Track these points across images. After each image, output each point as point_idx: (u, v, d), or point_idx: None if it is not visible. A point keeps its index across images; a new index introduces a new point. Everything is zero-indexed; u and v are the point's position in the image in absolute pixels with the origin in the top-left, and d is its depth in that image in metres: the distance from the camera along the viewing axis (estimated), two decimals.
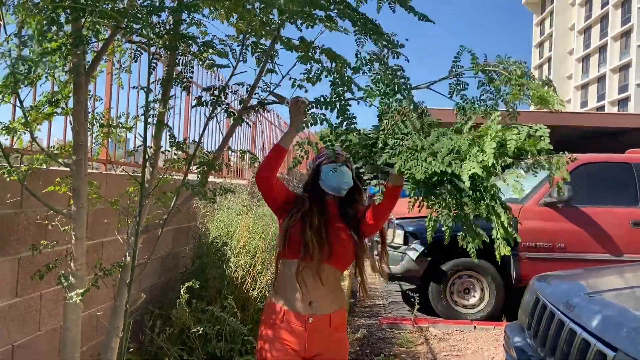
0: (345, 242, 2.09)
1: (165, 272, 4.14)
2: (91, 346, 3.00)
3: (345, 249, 2.09)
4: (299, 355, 2.03)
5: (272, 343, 2.04)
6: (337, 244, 2.06)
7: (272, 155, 2.14)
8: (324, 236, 2.03)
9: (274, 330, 2.05)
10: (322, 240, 2.02)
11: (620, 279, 3.23)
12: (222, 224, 4.59)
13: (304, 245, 2.01)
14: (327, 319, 2.05)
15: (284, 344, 2.02)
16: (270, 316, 2.08)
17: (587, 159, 6.00)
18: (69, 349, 2.10)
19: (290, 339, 2.02)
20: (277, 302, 2.07)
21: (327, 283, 2.05)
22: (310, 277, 2.02)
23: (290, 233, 2.05)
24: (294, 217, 2.07)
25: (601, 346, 2.02)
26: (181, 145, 2.25)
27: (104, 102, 3.13)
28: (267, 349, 2.04)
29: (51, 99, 2.08)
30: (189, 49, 2.18)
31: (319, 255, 1.99)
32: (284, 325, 2.03)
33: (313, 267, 2.00)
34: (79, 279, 2.08)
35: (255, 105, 2.23)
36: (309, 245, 2.00)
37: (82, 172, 2.02)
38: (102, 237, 3.09)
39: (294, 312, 2.03)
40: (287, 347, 2.02)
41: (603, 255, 5.49)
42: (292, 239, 2.05)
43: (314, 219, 2.05)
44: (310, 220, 2.05)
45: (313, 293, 2.03)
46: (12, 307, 2.37)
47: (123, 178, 3.29)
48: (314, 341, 2.02)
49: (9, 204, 2.29)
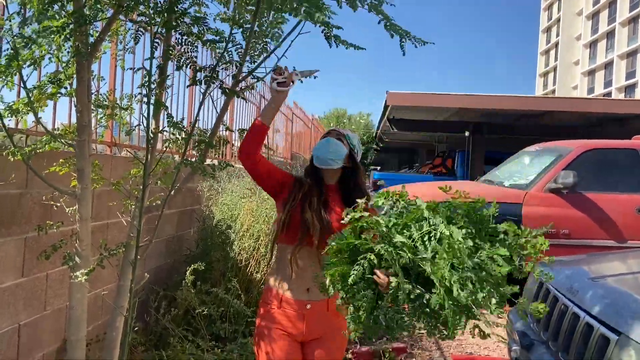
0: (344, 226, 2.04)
1: (170, 254, 4.16)
2: (97, 326, 3.03)
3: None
4: (296, 339, 2.03)
5: (269, 328, 2.03)
6: (336, 227, 2.00)
7: (250, 130, 2.07)
8: (323, 216, 1.99)
9: (271, 314, 2.04)
10: (321, 220, 1.98)
11: (623, 264, 3.23)
12: (226, 207, 4.60)
13: (302, 228, 1.98)
14: (324, 304, 2.03)
15: (280, 329, 2.01)
16: (268, 300, 2.06)
17: (593, 145, 5.97)
18: (75, 327, 2.12)
19: (287, 324, 2.01)
20: (275, 287, 2.06)
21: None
22: (308, 262, 2.00)
23: (291, 216, 2.01)
24: (295, 200, 2.04)
25: (604, 330, 2.03)
26: (178, 125, 2.24)
27: (108, 83, 3.12)
28: (263, 334, 2.03)
29: (53, 78, 2.07)
30: (190, 29, 2.16)
31: (318, 235, 1.95)
32: (281, 311, 2.02)
33: (312, 252, 1.97)
34: (84, 259, 2.10)
35: (245, 76, 2.19)
36: (309, 226, 1.96)
37: (86, 152, 2.02)
38: (106, 219, 3.10)
39: (292, 298, 2.01)
40: (284, 332, 2.01)
41: (607, 242, 5.48)
42: (292, 223, 2.01)
43: (313, 199, 2.02)
44: (309, 200, 2.02)
45: (311, 279, 1.98)
46: (18, 287, 2.39)
47: (127, 160, 3.30)
48: (311, 326, 2.02)
49: (14, 185, 2.30)
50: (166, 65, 2.16)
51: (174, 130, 2.01)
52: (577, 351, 2.16)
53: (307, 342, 2.05)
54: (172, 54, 2.14)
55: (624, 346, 1.89)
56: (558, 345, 2.35)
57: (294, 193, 2.07)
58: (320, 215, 2.00)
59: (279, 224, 2.05)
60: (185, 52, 2.08)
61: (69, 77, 2.15)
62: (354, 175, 2.15)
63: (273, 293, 2.05)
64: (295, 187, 2.09)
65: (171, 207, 2.18)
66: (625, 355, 1.87)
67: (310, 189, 2.07)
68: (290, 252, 2.01)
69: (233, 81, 2.23)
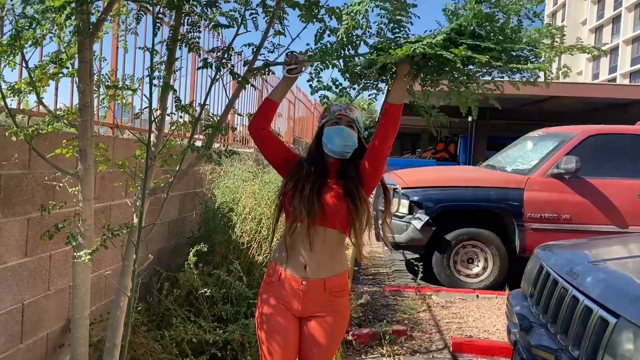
0: (339, 205, 2.03)
1: (173, 236, 4.19)
2: (100, 306, 3.06)
3: (339, 211, 2.03)
4: (294, 315, 2.08)
5: (268, 300, 2.10)
6: (329, 206, 2.01)
7: (261, 106, 2.15)
8: (314, 200, 2.00)
9: (271, 287, 2.11)
10: (312, 204, 1.99)
11: (623, 248, 3.23)
12: (228, 190, 4.62)
13: (293, 210, 2.02)
14: (321, 283, 2.05)
15: (278, 301, 2.08)
16: (270, 275, 2.14)
17: (597, 130, 5.94)
18: (79, 306, 2.15)
19: (286, 298, 2.07)
20: (276, 263, 2.12)
21: (324, 247, 2.04)
22: (304, 241, 2.03)
23: (284, 201, 2.08)
24: (288, 184, 2.09)
25: (603, 312, 2.04)
26: (187, 108, 2.24)
27: (109, 64, 3.11)
28: (263, 304, 2.11)
29: (55, 58, 2.07)
30: (194, 9, 2.14)
31: (307, 218, 1.99)
32: (280, 285, 2.08)
33: (305, 232, 2.01)
34: (88, 239, 2.11)
35: (260, 67, 2.19)
36: (297, 211, 2.00)
37: (89, 132, 2.02)
38: (109, 201, 3.12)
39: (290, 274, 2.06)
40: (282, 305, 2.07)
41: (609, 227, 5.48)
42: (285, 206, 2.08)
43: (307, 184, 2.03)
44: (302, 185, 2.04)
45: (307, 257, 2.04)
46: (21, 267, 2.41)
47: (130, 142, 3.30)
48: (306, 303, 2.05)
49: (16, 165, 2.31)
50: (175, 48, 2.16)
51: (181, 114, 2.00)
52: (576, 333, 2.17)
53: (304, 318, 2.09)
54: (181, 37, 2.13)
55: (622, 328, 1.90)
56: (557, 328, 2.37)
57: (289, 177, 2.10)
58: (312, 199, 2.01)
59: (275, 207, 2.14)
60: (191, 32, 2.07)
61: (71, 57, 2.15)
62: (359, 156, 2.13)
63: (275, 268, 2.12)
64: (295, 169, 2.12)
65: (174, 189, 2.19)
66: (624, 338, 1.88)
67: (307, 175, 2.07)
68: (286, 230, 2.08)
69: (246, 69, 2.23)
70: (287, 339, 2.06)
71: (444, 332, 4.37)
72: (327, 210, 2.01)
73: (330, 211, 2.02)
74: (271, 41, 2.15)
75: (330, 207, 2.02)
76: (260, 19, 2.11)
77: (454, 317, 4.77)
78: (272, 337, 2.07)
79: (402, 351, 3.93)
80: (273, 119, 2.18)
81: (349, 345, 3.92)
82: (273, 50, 2.16)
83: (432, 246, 5.79)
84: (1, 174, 2.23)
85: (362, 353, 3.87)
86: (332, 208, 2.02)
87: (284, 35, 2.16)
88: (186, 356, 2.94)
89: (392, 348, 3.92)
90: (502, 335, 4.30)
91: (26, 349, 2.49)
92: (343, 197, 2.04)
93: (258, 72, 2.21)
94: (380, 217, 6.29)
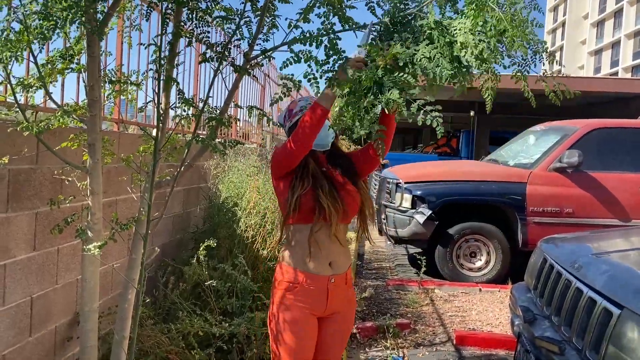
0: (353, 196, 2.06)
1: (178, 231, 4.21)
2: (107, 299, 3.09)
3: (355, 203, 2.07)
4: (316, 316, 2.04)
5: (291, 307, 1.99)
6: (348, 201, 2.04)
7: (311, 118, 1.80)
8: (337, 199, 1.99)
9: (292, 294, 2.00)
10: (337, 203, 1.98)
11: (626, 241, 3.25)
12: (232, 184, 4.64)
13: (318, 209, 1.96)
14: (344, 276, 2.08)
15: (303, 308, 1.99)
16: (289, 280, 2.02)
17: (599, 124, 5.95)
18: (88, 298, 2.17)
19: (310, 301, 2.00)
20: (294, 267, 2.02)
21: (343, 240, 2.08)
22: (327, 238, 2.00)
23: (301, 201, 1.96)
24: (305, 183, 1.98)
25: (607, 304, 2.06)
26: (190, 102, 2.25)
27: (115, 60, 3.13)
28: (286, 311, 2.00)
29: (65, 53, 2.08)
30: (198, 4, 2.15)
31: (336, 218, 1.97)
32: (305, 288, 1.99)
33: (329, 229, 1.98)
34: (96, 233, 2.13)
35: (258, 54, 2.18)
36: (326, 210, 1.95)
37: (97, 127, 2.04)
38: (115, 196, 3.14)
39: (315, 274, 2.00)
40: (307, 310, 2.00)
41: (611, 221, 5.50)
42: (303, 207, 1.97)
43: (323, 181, 2.00)
44: (320, 184, 1.99)
45: (331, 253, 2.02)
46: (30, 260, 2.44)
47: (135, 137, 3.32)
48: (333, 300, 2.04)
49: (25, 160, 2.33)
50: (177, 42, 2.17)
51: (185, 107, 2.02)
52: (580, 325, 2.20)
53: (326, 317, 2.08)
54: (182, 31, 2.14)
55: (626, 320, 1.92)
56: (561, 320, 2.39)
57: (299, 176, 2.00)
58: (334, 197, 1.98)
59: (288, 208, 1.98)
60: (197, 27, 2.08)
61: (78, 52, 2.16)
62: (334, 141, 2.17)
63: (293, 273, 2.02)
64: (298, 170, 2.01)
65: (178, 184, 2.20)
66: (628, 328, 1.90)
67: (315, 171, 2.03)
68: (309, 231, 1.98)
69: (244, 60, 2.23)
70: (312, 343, 2.05)
71: (447, 325, 4.40)
72: (348, 206, 2.03)
73: (350, 205, 2.05)
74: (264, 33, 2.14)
75: (349, 202, 2.04)
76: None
77: (457, 311, 4.80)
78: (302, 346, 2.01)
79: (406, 344, 3.96)
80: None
81: (353, 339, 3.95)
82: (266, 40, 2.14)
83: (435, 240, 5.82)
84: (10, 168, 2.25)
85: (366, 346, 3.90)
86: (351, 202, 2.06)
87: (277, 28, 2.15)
88: (193, 349, 2.96)
89: (395, 341, 3.95)
90: (505, 328, 4.33)
91: (35, 342, 2.51)
92: (353, 189, 2.08)
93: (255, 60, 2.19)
94: (382, 212, 6.31)
